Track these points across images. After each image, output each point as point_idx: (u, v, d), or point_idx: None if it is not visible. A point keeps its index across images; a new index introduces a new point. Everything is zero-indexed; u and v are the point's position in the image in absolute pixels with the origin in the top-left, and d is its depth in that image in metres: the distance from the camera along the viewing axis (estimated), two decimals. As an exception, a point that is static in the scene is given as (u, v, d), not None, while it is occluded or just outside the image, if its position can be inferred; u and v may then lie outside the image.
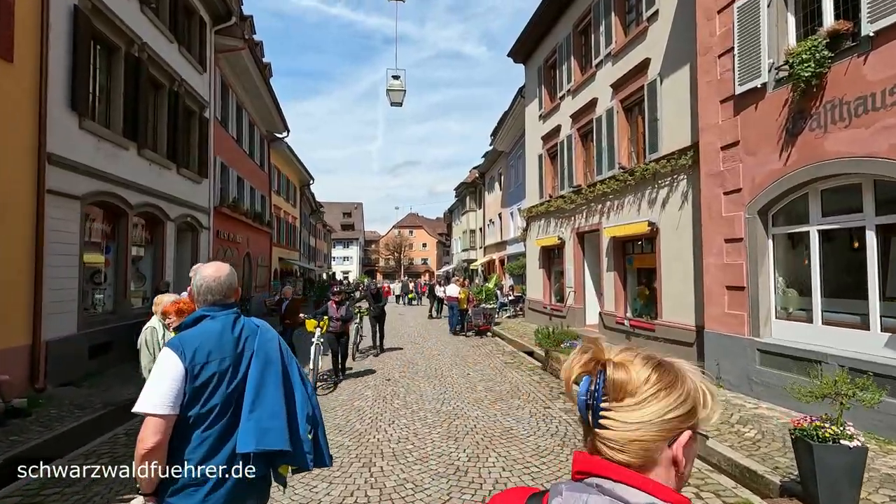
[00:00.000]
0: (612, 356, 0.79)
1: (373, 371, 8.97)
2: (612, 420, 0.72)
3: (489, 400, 6.78)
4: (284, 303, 10.09)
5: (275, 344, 1.97)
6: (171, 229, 11.81)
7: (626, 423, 0.71)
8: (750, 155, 6.65)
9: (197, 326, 1.84)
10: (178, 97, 12.02)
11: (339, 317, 8.11)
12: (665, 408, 0.73)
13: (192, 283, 1.93)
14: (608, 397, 0.74)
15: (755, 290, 6.60)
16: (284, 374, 1.97)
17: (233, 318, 1.90)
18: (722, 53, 7.11)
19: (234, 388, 1.79)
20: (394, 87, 10.63)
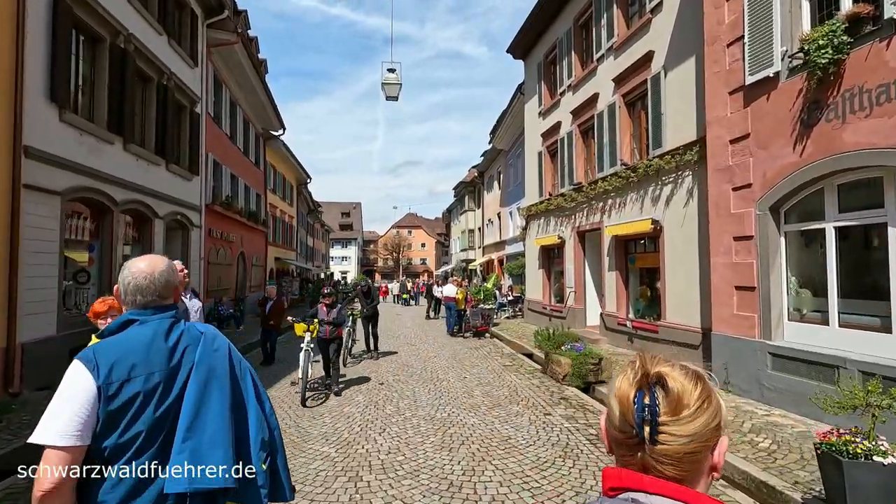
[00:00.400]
0: (662, 369, 0.77)
1: (366, 374, 8.63)
2: (668, 435, 0.71)
3: (486, 406, 6.44)
4: (268, 303, 9.75)
5: (222, 354, 1.62)
6: (160, 227, 11.46)
7: (681, 437, 0.71)
8: (761, 148, 6.32)
9: (120, 334, 1.49)
10: (168, 91, 11.67)
11: (329, 321, 7.31)
12: (710, 417, 0.73)
13: (118, 281, 1.58)
14: (665, 411, 0.72)
15: (766, 290, 6.27)
16: (235, 390, 1.62)
17: (168, 324, 1.55)
18: (731, 42, 6.78)
19: (166, 411, 1.44)
20: (389, 81, 10.29)
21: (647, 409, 0.73)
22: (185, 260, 12.89)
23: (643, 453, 0.73)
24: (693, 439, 0.71)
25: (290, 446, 4.97)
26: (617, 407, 0.77)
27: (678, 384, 0.75)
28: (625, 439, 0.75)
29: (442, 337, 13.91)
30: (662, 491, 0.69)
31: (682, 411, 0.72)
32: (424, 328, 16.47)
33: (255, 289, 21.57)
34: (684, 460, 0.71)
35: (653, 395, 0.74)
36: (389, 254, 79.22)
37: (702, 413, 0.73)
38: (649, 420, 0.72)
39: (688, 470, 0.72)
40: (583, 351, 7.93)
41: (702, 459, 0.73)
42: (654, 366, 0.78)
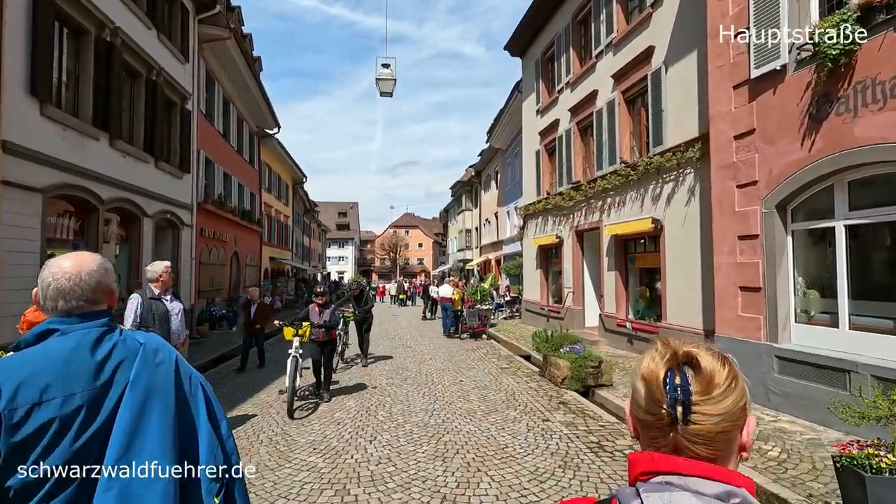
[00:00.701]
0: (690, 349, 0.76)
1: (358, 378, 8.37)
2: (700, 414, 0.70)
3: (482, 411, 6.20)
4: (252, 306, 9.40)
5: (167, 369, 1.37)
6: (149, 226, 11.18)
7: (713, 416, 0.70)
8: (767, 144, 6.10)
9: (34, 348, 1.24)
10: (157, 87, 11.40)
11: (322, 323, 6.73)
12: (739, 396, 0.73)
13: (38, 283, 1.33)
14: (697, 390, 0.71)
15: (772, 291, 6.04)
16: (182, 411, 1.37)
17: (97, 335, 1.29)
18: (735, 35, 6.55)
19: (90, 441, 1.19)
20: (383, 76, 10.03)
21: (680, 389, 0.72)
22: (175, 260, 12.66)
23: (675, 434, 0.72)
24: (724, 418, 0.71)
25: (276, 456, 4.72)
26: (645, 388, 0.76)
27: (708, 363, 0.74)
28: (654, 421, 0.74)
29: (438, 338, 13.66)
30: (697, 471, 0.69)
31: (714, 390, 0.72)
32: (420, 329, 16.22)
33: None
34: (717, 440, 0.71)
35: (684, 375, 0.73)
36: (386, 254, 78.91)
37: (731, 392, 0.72)
38: (682, 400, 0.71)
39: (720, 449, 0.72)
40: (582, 353, 7.70)
41: (733, 439, 0.73)
42: (682, 346, 0.76)
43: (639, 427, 0.79)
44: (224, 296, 17.28)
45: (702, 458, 0.71)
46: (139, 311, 4.77)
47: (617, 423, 5.69)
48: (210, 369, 9.45)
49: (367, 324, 10.09)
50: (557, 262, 14.79)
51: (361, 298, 10.16)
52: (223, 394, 7.28)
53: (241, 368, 9.10)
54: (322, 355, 6.87)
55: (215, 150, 16.08)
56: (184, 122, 12.99)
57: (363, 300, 10.15)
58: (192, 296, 13.63)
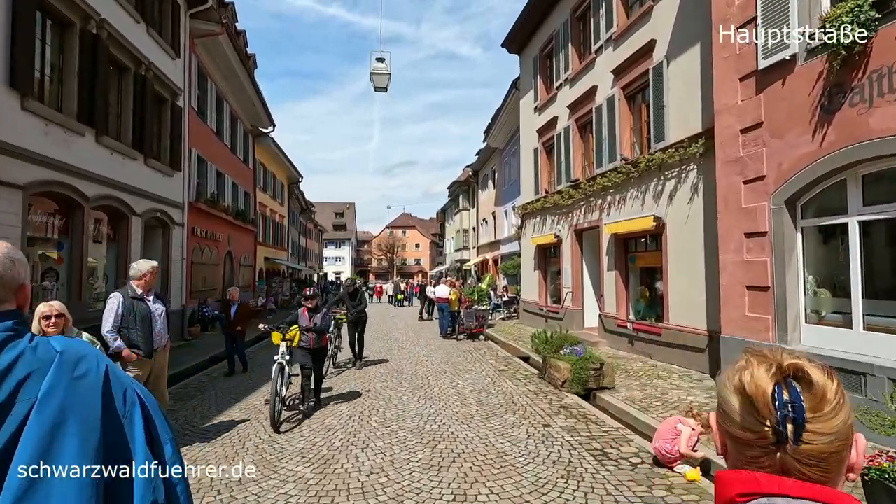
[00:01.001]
0: (796, 361, 0.69)
1: (352, 380, 8.11)
2: (812, 433, 0.65)
3: (480, 416, 5.94)
4: (232, 307, 8.90)
5: (91, 383, 1.10)
6: (138, 225, 10.89)
7: (825, 435, 0.65)
8: (776, 137, 5.87)
9: None
10: (147, 82, 11.11)
11: (311, 327, 6.17)
12: (848, 413, 0.68)
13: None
14: (809, 407, 0.65)
15: (782, 290, 5.81)
16: (111, 436, 1.11)
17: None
18: (742, 24, 6.33)
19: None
20: (378, 71, 9.77)
21: (791, 406, 0.65)
22: (166, 260, 12.37)
23: (783, 454, 0.66)
24: (836, 437, 0.66)
25: (262, 465, 4.46)
26: (744, 403, 0.69)
27: (818, 377, 0.68)
28: (755, 440, 0.68)
29: (435, 339, 13.40)
30: (808, 494, 0.64)
31: (825, 407, 0.66)
32: (417, 330, 15.96)
33: (244, 289, 20.96)
34: (830, 460, 0.66)
35: (793, 390, 0.66)
36: (383, 254, 78.61)
37: (841, 408, 0.67)
38: (793, 417, 0.65)
39: (832, 471, 0.66)
40: (583, 355, 7.46)
41: (844, 459, 0.68)
42: (784, 357, 0.70)
43: (731, 444, 0.73)
44: (217, 296, 16.98)
45: (813, 481, 0.66)
46: (120, 311, 4.51)
47: (621, 428, 5.45)
48: (201, 371, 9.17)
49: (361, 325, 9.55)
50: (556, 262, 14.56)
51: (355, 298, 9.60)
52: (210, 398, 7.01)
53: (229, 372, 8.69)
54: (312, 363, 6.28)
55: (208, 148, 15.78)
56: (175, 119, 12.70)
57: (357, 300, 9.60)
58: (184, 296, 13.34)
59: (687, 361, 8.42)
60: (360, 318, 9.50)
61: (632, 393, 6.94)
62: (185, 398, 7.02)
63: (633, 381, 7.70)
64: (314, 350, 6.30)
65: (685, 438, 4.16)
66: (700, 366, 8.09)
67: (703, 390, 6.93)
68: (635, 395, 6.85)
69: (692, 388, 7.12)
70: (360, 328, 9.54)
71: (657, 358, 9.23)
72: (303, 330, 6.18)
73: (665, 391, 6.96)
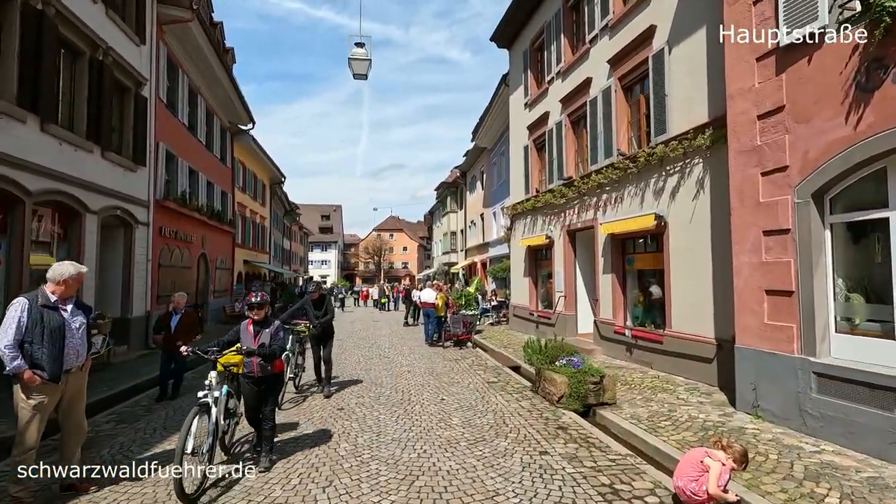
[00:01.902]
0: None
1: (319, 398, 7.26)
2: None
3: (467, 441, 5.16)
4: (174, 318, 7.26)
5: None
6: (93, 224, 9.94)
7: None
8: (800, 122, 5.19)
9: None
10: (105, 68, 10.18)
11: (256, 349, 4.39)
12: None
13: None
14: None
15: (808, 295, 5.12)
16: None
17: None
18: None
19: None
20: (357, 56, 9.00)
21: None
22: (128, 262, 11.43)
23: None
24: None
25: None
26: None
27: None
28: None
29: (419, 347, 12.59)
30: None
31: None
32: (401, 336, 15.12)
33: (220, 294, 20.00)
34: None
35: None
36: (370, 258, 77.54)
37: None
38: None
39: None
40: (581, 367, 6.72)
41: None
42: None
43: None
44: (190, 301, 15.97)
45: None
46: (24, 322, 3.64)
47: (630, 455, 4.70)
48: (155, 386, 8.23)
49: (326, 341, 7.54)
50: (548, 265, 13.84)
51: (321, 307, 7.42)
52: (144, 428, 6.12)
53: (168, 396, 7.12)
54: (259, 400, 4.55)
55: (179, 143, 14.82)
56: (139, 110, 11.77)
57: (323, 309, 7.41)
58: (149, 301, 12.37)
59: (692, 372, 7.72)
60: (325, 332, 7.51)
61: (636, 410, 6.20)
62: (132, 419, 6.14)
63: (635, 394, 6.98)
64: (259, 380, 4.50)
65: (714, 476, 3.42)
66: (707, 378, 7.39)
67: (715, 406, 6.22)
68: (640, 412, 6.11)
69: (702, 403, 6.40)
70: (326, 343, 7.56)
71: (658, 368, 8.53)
72: (244, 353, 4.44)
73: (672, 407, 6.24)
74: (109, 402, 7.12)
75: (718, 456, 3.55)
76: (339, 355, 11.25)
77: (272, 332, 4.55)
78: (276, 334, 4.56)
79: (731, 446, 3.59)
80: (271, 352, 4.46)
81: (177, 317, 7.23)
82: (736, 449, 3.56)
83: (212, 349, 4.46)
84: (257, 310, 4.54)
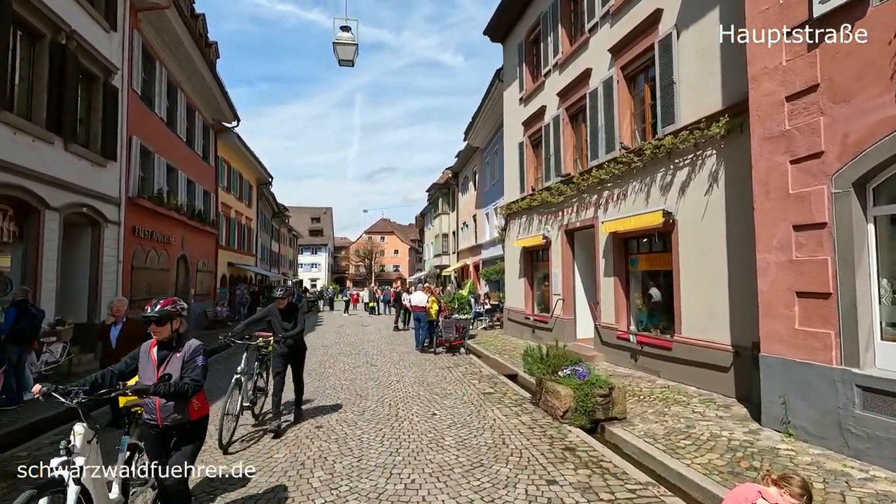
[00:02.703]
0: None
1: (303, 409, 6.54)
2: None
3: (462, 466, 4.48)
4: (113, 329, 5.99)
5: None
6: (55, 222, 9.13)
7: None
8: (839, 102, 4.59)
9: None
10: (68, 54, 9.40)
11: (145, 389, 2.93)
12: None
13: None
14: None
15: (849, 297, 4.51)
16: None
17: None
18: (787, -35, 5.07)
19: None
20: (342, 41, 8.33)
21: None
22: (96, 262, 10.64)
23: None
24: None
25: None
26: None
27: None
28: None
29: (409, 353, 11.88)
30: None
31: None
32: (391, 342, 14.40)
33: (202, 297, 19.14)
34: None
35: None
36: (361, 261, 76.62)
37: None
38: None
39: None
40: (587, 378, 6.06)
41: None
42: None
43: None
44: (167, 305, 15.14)
45: None
46: None
47: (651, 484, 4.04)
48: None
49: (296, 360, 6.11)
50: (544, 266, 13.21)
51: (290, 316, 5.94)
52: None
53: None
54: (166, 456, 3.11)
55: (156, 139, 14.01)
56: (108, 101, 10.98)
57: (293, 320, 5.94)
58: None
59: (705, 382, 7.10)
60: (295, 348, 6.00)
61: (650, 426, 5.56)
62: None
63: (646, 407, 6.34)
64: (166, 431, 3.09)
65: (771, 522, 2.75)
66: (723, 388, 6.77)
67: (737, 422, 5.59)
68: (654, 428, 5.47)
69: (721, 418, 5.77)
70: (296, 362, 6.11)
71: (667, 376, 7.91)
72: (135, 391, 2.92)
73: (690, 423, 5.60)
74: (57, 420, 6.16)
75: (771, 494, 2.88)
76: (323, 363, 10.52)
77: (185, 358, 3.09)
78: (190, 361, 3.08)
79: (788, 480, 2.88)
80: (179, 389, 2.92)
81: (118, 328, 5.89)
82: (794, 483, 2.86)
83: (76, 388, 2.81)
84: (156, 326, 3.04)
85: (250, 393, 5.86)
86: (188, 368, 3.07)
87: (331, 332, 17.76)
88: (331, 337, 16.04)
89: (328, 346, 13.35)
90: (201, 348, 3.17)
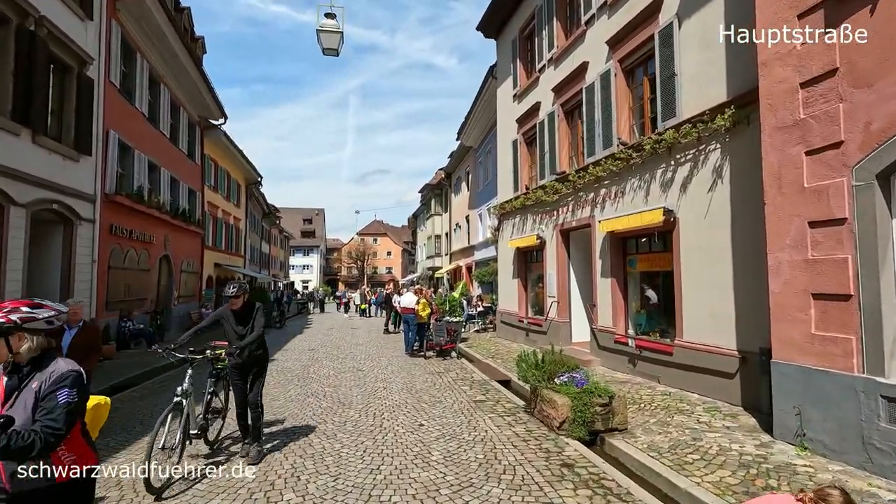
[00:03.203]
0: None
1: (279, 420, 6.08)
2: None
3: (450, 486, 4.04)
4: (66, 334, 4.58)
5: None
6: (20, 219, 8.60)
7: None
8: (861, 87, 4.22)
9: None
10: (38, 41, 8.90)
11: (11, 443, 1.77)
12: None
13: None
14: None
15: (873, 300, 4.14)
16: None
17: None
18: (802, -58, 4.71)
19: None
20: (326, 28, 7.88)
21: None
22: (68, 262, 10.11)
23: None
24: None
25: None
26: None
27: None
28: None
29: (398, 357, 11.42)
30: None
31: None
32: (379, 345, 13.93)
33: (187, 299, 18.59)
34: None
35: None
36: (354, 262, 75.96)
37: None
38: None
39: None
40: (586, 386, 5.65)
41: None
42: None
43: None
44: (147, 307, 14.61)
45: None
46: None
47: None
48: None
49: (254, 377, 4.90)
50: (539, 267, 12.81)
51: (245, 320, 4.79)
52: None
53: None
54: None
55: (136, 134, 13.49)
56: (83, 92, 10.46)
57: (248, 325, 4.76)
58: (95, 307, 11.02)
59: (709, 389, 6.72)
60: (252, 361, 4.85)
61: (653, 438, 5.16)
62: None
63: (647, 416, 5.94)
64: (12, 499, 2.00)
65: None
66: (728, 395, 6.39)
67: (746, 433, 5.20)
68: (658, 440, 5.07)
69: (729, 429, 5.38)
70: (254, 383, 4.88)
71: (667, 382, 7.52)
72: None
73: (696, 434, 5.20)
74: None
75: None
76: (307, 367, 10.05)
77: (41, 392, 1.99)
78: (48, 397, 1.97)
79: (827, 497, 2.39)
80: (18, 444, 1.78)
81: (70, 333, 4.78)
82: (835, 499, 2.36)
83: None
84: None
85: (199, 418, 4.78)
86: (43, 409, 1.94)
87: (319, 334, 17.27)
88: (318, 339, 15.55)
89: (314, 350, 12.86)
90: (69, 376, 2.02)
